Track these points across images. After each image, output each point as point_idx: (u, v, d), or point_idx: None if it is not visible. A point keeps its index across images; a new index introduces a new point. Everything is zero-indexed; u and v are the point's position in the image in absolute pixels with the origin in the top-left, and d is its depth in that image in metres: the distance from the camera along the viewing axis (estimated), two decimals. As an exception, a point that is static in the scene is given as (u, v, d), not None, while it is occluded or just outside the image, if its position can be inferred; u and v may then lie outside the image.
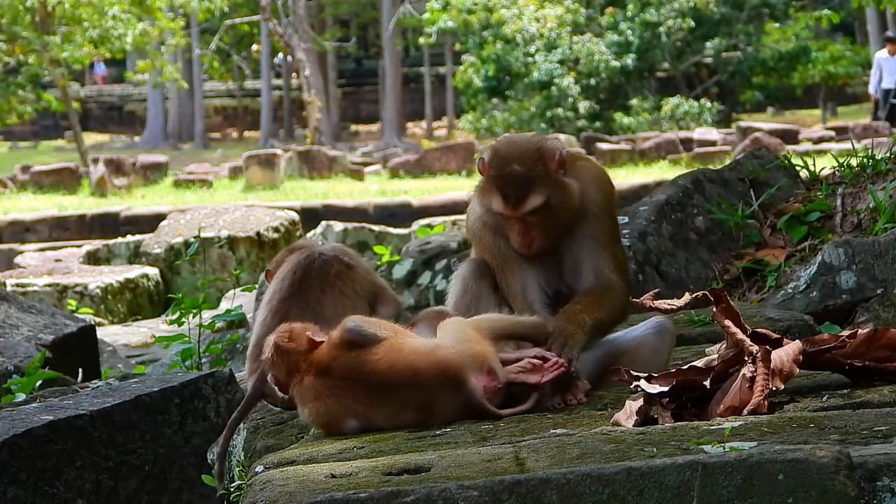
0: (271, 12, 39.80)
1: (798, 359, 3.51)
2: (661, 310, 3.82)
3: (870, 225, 6.35)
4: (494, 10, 40.16)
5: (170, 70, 40.80)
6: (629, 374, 3.60)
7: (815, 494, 2.60)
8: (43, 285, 13.83)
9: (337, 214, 23.28)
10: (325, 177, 32.81)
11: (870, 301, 5.52)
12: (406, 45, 54.52)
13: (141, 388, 5.22)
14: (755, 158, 7.13)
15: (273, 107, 50.82)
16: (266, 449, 4.32)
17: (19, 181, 32.67)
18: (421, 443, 3.45)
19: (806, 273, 5.73)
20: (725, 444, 2.92)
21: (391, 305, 4.90)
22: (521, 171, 4.05)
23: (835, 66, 40.83)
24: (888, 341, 3.60)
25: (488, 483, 2.69)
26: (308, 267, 4.80)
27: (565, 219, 4.07)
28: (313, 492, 2.80)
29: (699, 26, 40.61)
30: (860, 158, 6.98)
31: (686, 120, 38.16)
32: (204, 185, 32.40)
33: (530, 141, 4.16)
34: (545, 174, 4.04)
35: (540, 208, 4.02)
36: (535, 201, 4.02)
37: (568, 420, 3.60)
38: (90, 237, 24.00)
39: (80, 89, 53.51)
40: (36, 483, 4.79)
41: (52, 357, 7.29)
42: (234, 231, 15.57)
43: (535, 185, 4.03)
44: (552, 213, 4.04)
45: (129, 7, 37.32)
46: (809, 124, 40.49)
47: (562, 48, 39.52)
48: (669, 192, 6.72)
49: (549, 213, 4.03)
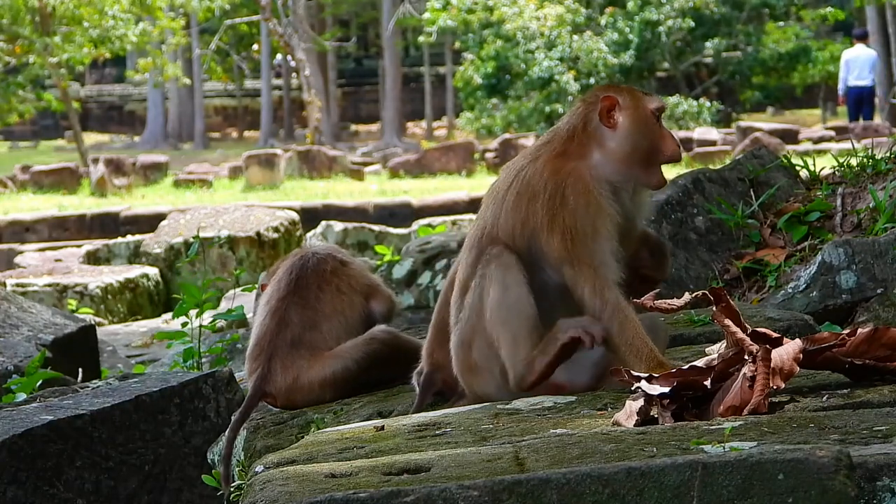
0: (271, 12, 39.78)
1: (798, 357, 3.51)
2: (661, 309, 3.82)
3: (870, 225, 6.34)
4: (495, 9, 40.16)
5: (171, 68, 40.80)
6: (629, 374, 3.60)
7: (815, 494, 2.60)
8: (43, 285, 13.83)
9: (337, 214, 23.28)
10: (325, 177, 32.81)
11: (870, 301, 5.52)
12: (406, 45, 54.51)
13: (141, 388, 5.22)
14: (755, 158, 7.13)
15: (273, 107, 50.81)
16: (266, 449, 4.33)
17: (19, 181, 32.66)
18: (421, 443, 3.45)
19: (806, 273, 5.73)
20: (725, 444, 2.92)
21: (385, 301, 4.92)
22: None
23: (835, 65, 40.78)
24: (888, 340, 3.60)
25: (488, 483, 2.69)
26: (303, 266, 4.82)
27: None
28: (313, 492, 2.80)
29: (699, 26, 40.61)
30: (860, 158, 6.97)
31: (686, 120, 38.16)
32: (204, 185, 32.40)
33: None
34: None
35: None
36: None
37: (568, 420, 3.60)
38: (90, 237, 24.00)
39: (80, 89, 53.50)
40: (36, 483, 4.79)
41: (52, 357, 7.29)
42: (234, 231, 15.57)
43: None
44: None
45: (129, 7, 37.30)
46: (809, 124, 40.52)
47: (561, 47, 39.52)
48: (669, 191, 6.71)
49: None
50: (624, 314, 3.94)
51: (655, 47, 40.85)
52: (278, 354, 4.69)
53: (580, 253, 3.96)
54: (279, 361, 4.68)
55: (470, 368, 4.11)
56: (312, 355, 4.69)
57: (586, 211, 3.99)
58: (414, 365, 4.54)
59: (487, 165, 33.48)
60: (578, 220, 3.97)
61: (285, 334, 4.71)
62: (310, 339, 4.71)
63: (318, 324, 4.73)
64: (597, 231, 3.98)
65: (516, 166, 4.14)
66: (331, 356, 4.70)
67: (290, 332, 4.71)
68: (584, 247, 3.97)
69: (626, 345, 3.92)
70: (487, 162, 33.75)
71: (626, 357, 3.91)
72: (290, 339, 4.70)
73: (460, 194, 26.61)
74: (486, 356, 4.06)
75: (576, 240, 3.97)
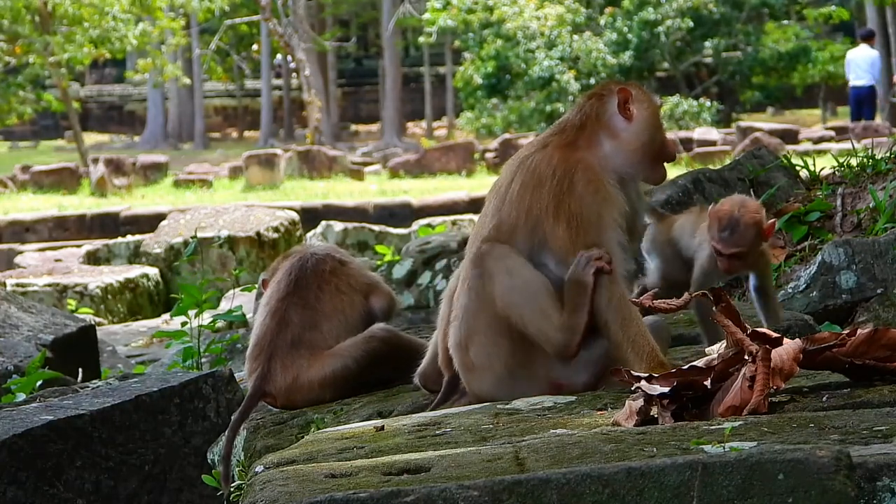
0: (271, 12, 39.78)
1: (798, 357, 3.51)
2: (661, 309, 3.81)
3: (870, 225, 6.35)
4: (495, 9, 40.16)
5: (171, 68, 40.80)
6: (629, 374, 3.60)
7: (815, 494, 2.60)
8: (43, 285, 13.83)
9: (337, 214, 23.28)
10: (325, 177, 32.81)
11: (870, 301, 5.52)
12: (406, 45, 54.49)
13: (141, 388, 5.22)
14: (755, 158, 7.14)
15: (273, 107, 50.80)
16: (266, 449, 4.32)
17: (19, 181, 32.66)
18: (421, 443, 3.44)
19: (806, 273, 5.73)
20: (725, 444, 2.92)
21: (385, 298, 4.92)
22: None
23: (835, 65, 40.79)
24: (888, 341, 3.60)
25: (488, 483, 2.69)
26: (303, 267, 4.83)
27: None
28: (313, 492, 2.80)
29: (698, 26, 40.61)
30: (860, 158, 6.98)
31: (686, 119, 38.17)
32: (204, 185, 32.40)
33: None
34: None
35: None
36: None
37: (568, 420, 3.60)
38: (90, 237, 24.00)
39: (80, 89, 53.49)
40: (36, 483, 4.79)
41: (52, 357, 7.30)
42: (234, 231, 15.57)
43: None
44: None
45: (129, 7, 37.30)
46: (809, 124, 40.50)
47: (562, 47, 39.52)
48: (669, 191, 6.72)
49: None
50: (628, 310, 3.92)
51: (655, 47, 40.85)
52: (278, 354, 4.69)
53: (586, 242, 3.93)
54: (279, 361, 4.68)
55: (468, 368, 4.11)
56: (312, 355, 4.69)
57: (594, 199, 3.96)
58: (416, 363, 4.53)
59: (487, 165, 33.49)
60: (585, 208, 3.94)
61: (285, 334, 4.71)
62: (310, 339, 4.71)
63: (319, 323, 4.73)
64: (604, 220, 3.96)
65: (521, 156, 4.12)
66: (330, 355, 4.70)
67: (290, 332, 4.71)
68: (591, 236, 3.94)
69: (628, 341, 3.91)
70: (487, 162, 33.76)
71: (627, 354, 3.89)
72: (290, 339, 4.71)
73: (460, 194, 26.61)
74: (483, 356, 4.05)
75: (582, 228, 3.93)
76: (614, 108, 4.07)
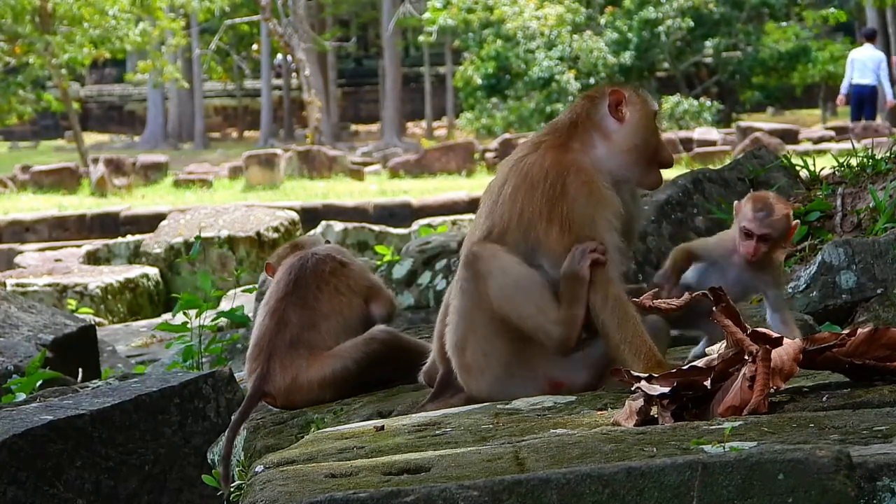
0: (271, 12, 39.78)
1: (798, 357, 3.51)
2: (661, 309, 3.81)
3: (870, 225, 6.34)
4: (495, 8, 40.16)
5: (170, 70, 40.79)
6: (629, 374, 3.60)
7: (815, 494, 2.60)
8: (43, 285, 13.83)
9: (337, 214, 23.28)
10: (325, 177, 32.81)
11: (870, 301, 5.52)
12: (406, 45, 54.49)
13: (141, 388, 5.22)
14: (755, 158, 7.13)
15: (273, 107, 50.81)
16: (266, 449, 4.32)
17: (19, 181, 32.66)
18: (421, 443, 3.44)
19: (806, 273, 5.72)
20: (725, 443, 2.92)
21: (385, 304, 4.91)
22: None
23: (835, 65, 40.79)
24: (888, 341, 3.60)
25: (488, 483, 2.69)
26: (302, 267, 4.83)
27: None
28: (313, 492, 2.80)
29: (699, 26, 40.61)
30: (860, 158, 6.98)
31: (686, 119, 38.17)
32: (204, 185, 32.40)
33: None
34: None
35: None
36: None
37: (568, 420, 3.60)
38: (90, 237, 23.99)
39: (80, 89, 53.50)
40: (36, 483, 4.79)
41: (52, 357, 7.30)
42: (234, 231, 15.57)
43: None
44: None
45: (129, 7, 37.30)
46: (809, 124, 40.51)
47: (561, 46, 39.52)
48: (669, 191, 6.72)
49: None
50: (625, 310, 3.91)
51: (655, 47, 40.86)
52: (277, 354, 4.69)
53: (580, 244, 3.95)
54: (278, 361, 4.68)
55: (466, 370, 4.11)
56: (311, 355, 4.69)
57: (587, 201, 3.95)
58: (416, 365, 4.53)
59: (487, 165, 33.48)
60: (578, 211, 3.93)
61: (284, 334, 4.71)
62: (308, 339, 4.71)
63: (317, 323, 4.73)
64: (598, 222, 3.95)
65: (514, 158, 4.12)
66: (330, 356, 4.70)
67: (289, 332, 4.71)
68: (585, 238, 3.95)
69: (626, 342, 3.90)
70: (487, 162, 33.75)
71: (625, 355, 3.89)
72: (289, 339, 4.71)
73: (460, 194, 26.60)
74: (480, 357, 4.05)
75: (575, 230, 3.93)
76: (605, 109, 4.08)
